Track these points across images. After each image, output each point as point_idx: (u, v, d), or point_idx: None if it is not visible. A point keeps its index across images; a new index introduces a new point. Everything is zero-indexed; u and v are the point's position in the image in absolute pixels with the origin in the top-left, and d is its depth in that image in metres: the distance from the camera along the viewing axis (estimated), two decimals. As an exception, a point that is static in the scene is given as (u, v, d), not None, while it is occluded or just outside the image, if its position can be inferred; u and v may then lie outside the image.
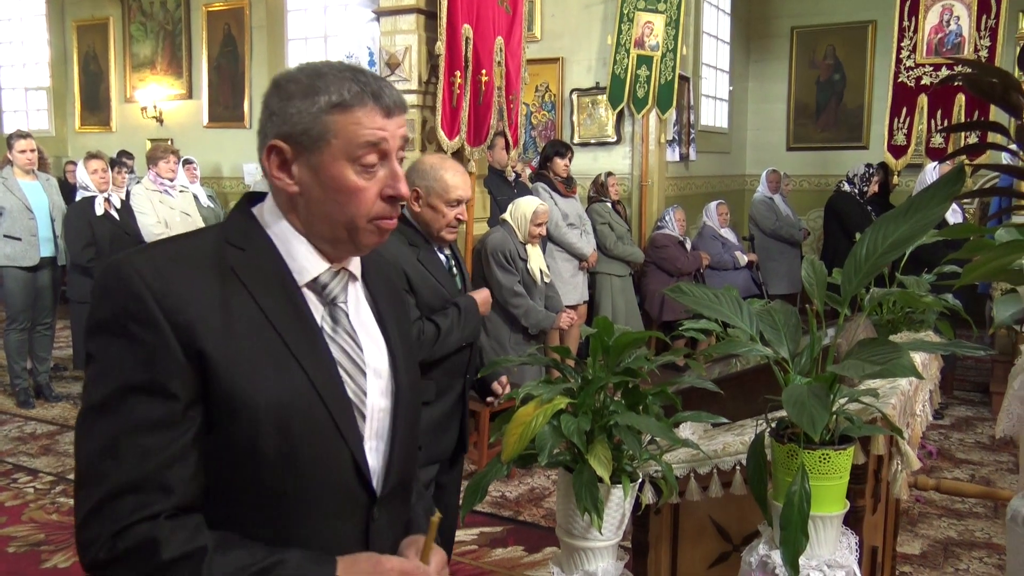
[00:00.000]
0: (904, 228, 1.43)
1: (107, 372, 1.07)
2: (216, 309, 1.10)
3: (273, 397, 1.10)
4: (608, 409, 1.55)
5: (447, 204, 2.43)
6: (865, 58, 9.63)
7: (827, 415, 1.31)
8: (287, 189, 1.16)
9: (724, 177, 9.52)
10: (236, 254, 1.14)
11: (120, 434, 1.05)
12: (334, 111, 1.12)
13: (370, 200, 1.15)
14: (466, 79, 4.09)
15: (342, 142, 1.12)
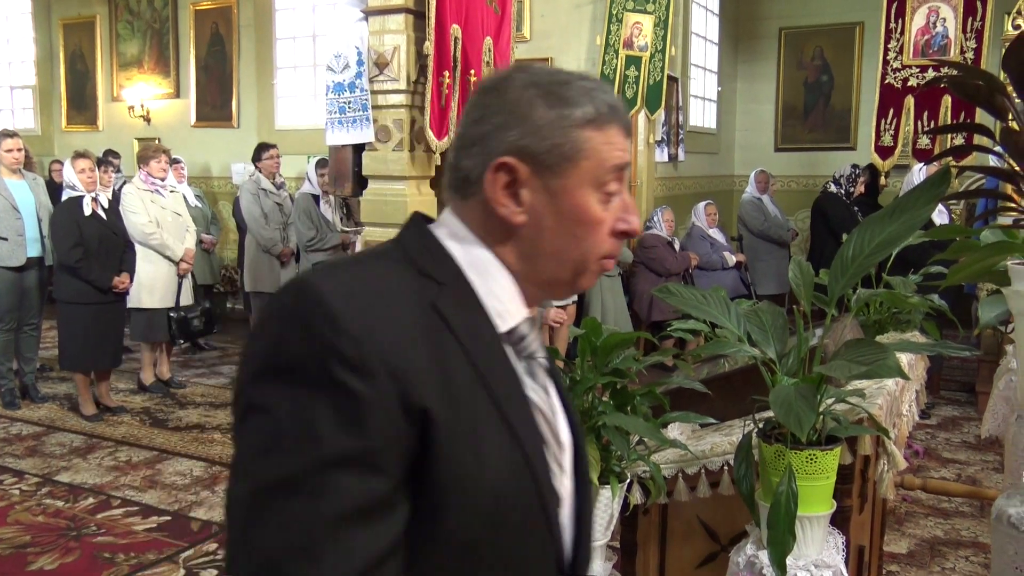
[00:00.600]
0: (890, 229, 1.43)
1: (294, 435, 0.79)
2: (430, 357, 0.85)
3: (496, 479, 0.87)
4: (596, 410, 1.55)
5: None
6: (853, 59, 9.68)
7: (814, 416, 1.31)
8: (511, 218, 0.93)
9: (712, 177, 9.55)
10: (436, 289, 0.91)
11: (319, 527, 0.77)
12: (588, 127, 0.93)
13: (606, 234, 0.96)
14: (455, 79, 4.09)
15: (593, 164, 0.93)
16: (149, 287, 5.67)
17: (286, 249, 6.45)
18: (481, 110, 0.95)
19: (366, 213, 4.29)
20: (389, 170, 4.16)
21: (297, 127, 8.71)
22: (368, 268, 0.92)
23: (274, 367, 0.81)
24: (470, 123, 0.95)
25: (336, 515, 0.78)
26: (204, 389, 6.18)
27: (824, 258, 6.66)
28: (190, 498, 4.16)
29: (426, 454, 0.82)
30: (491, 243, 0.95)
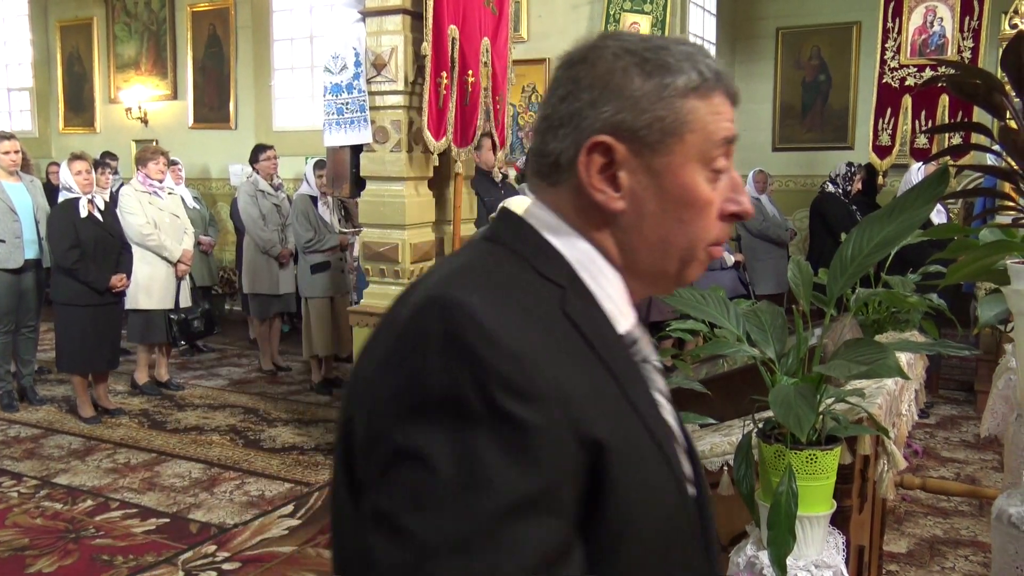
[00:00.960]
0: (889, 229, 1.43)
1: (461, 484, 0.67)
2: (585, 374, 0.76)
3: (663, 507, 0.80)
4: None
5: None
6: (850, 59, 9.68)
7: (813, 416, 1.31)
8: (609, 204, 0.83)
9: (711, 177, 9.54)
10: (560, 294, 0.80)
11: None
12: (692, 96, 0.82)
13: (714, 218, 0.86)
14: (452, 80, 4.08)
15: (699, 138, 0.83)
16: (147, 288, 5.68)
17: (284, 250, 6.44)
18: (569, 85, 0.84)
19: (364, 214, 4.29)
20: (387, 171, 4.16)
21: (294, 128, 8.71)
22: (497, 275, 0.80)
23: (423, 403, 0.69)
24: (556, 101, 0.85)
25: (520, 572, 0.67)
26: (202, 391, 6.18)
27: (823, 258, 6.65)
28: (189, 500, 4.16)
29: (599, 488, 0.72)
30: (589, 234, 0.85)
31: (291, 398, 6.00)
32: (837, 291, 1.46)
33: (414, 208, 4.21)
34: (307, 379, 6.34)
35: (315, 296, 5.99)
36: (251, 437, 5.12)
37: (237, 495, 4.22)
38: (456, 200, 4.41)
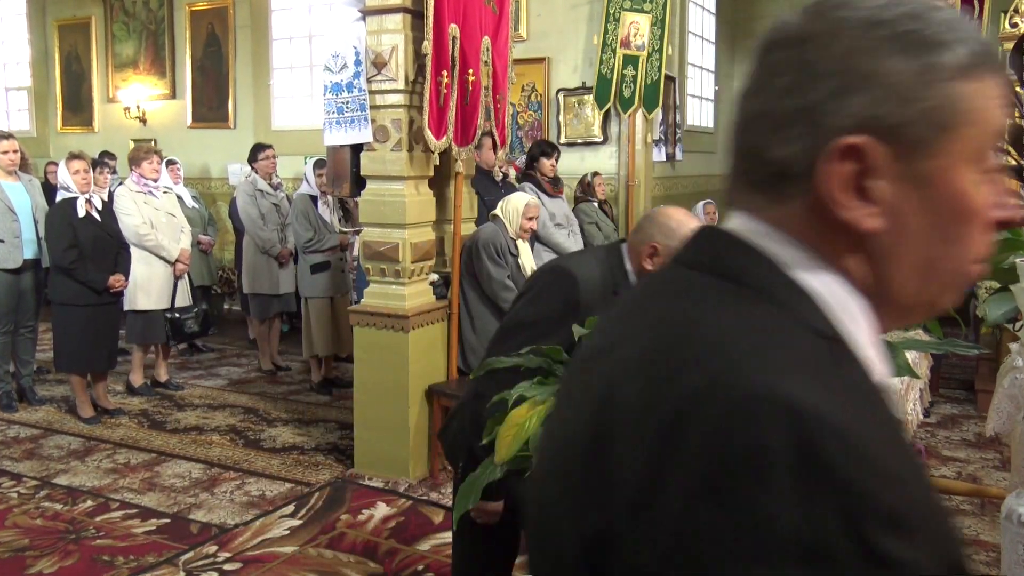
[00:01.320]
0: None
1: None
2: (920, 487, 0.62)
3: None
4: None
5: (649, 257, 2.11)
6: (849, 58, 9.69)
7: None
8: (861, 223, 0.65)
9: (710, 177, 9.54)
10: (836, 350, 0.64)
11: None
12: (965, 78, 0.65)
13: (982, 229, 0.68)
14: (453, 78, 4.07)
15: (977, 132, 0.65)
16: (145, 289, 5.66)
17: (284, 250, 6.43)
18: (794, 71, 0.66)
19: (364, 213, 4.28)
20: (387, 170, 4.15)
21: (293, 128, 8.69)
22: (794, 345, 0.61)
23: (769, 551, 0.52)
24: (778, 94, 0.67)
25: None
26: (202, 391, 6.16)
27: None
28: (189, 500, 4.15)
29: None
30: (834, 264, 0.67)
31: (291, 398, 5.99)
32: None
33: (415, 207, 4.20)
34: (307, 379, 6.33)
35: (315, 296, 5.98)
36: (251, 437, 5.11)
37: (238, 495, 4.21)
38: (457, 199, 4.40)
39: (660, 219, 2.11)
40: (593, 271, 2.08)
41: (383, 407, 4.30)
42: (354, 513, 3.96)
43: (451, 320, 4.47)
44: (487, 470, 1.54)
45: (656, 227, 2.09)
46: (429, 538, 3.71)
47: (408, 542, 3.67)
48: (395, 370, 4.24)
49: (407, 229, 4.16)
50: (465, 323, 4.52)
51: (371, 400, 4.33)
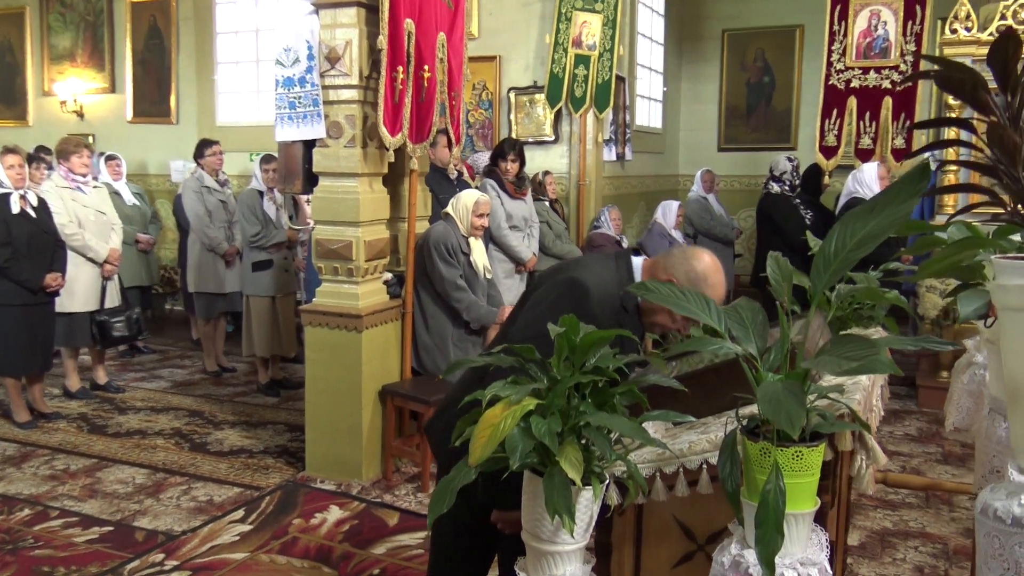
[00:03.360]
0: (872, 224, 1.43)
1: None
2: None
3: None
4: (578, 409, 1.51)
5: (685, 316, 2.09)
6: (793, 61, 9.87)
7: (803, 412, 1.30)
8: None
9: (658, 177, 9.63)
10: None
11: None
12: None
13: None
14: (408, 74, 4.01)
15: None
16: (69, 290, 5.39)
17: (231, 248, 6.28)
18: None
19: (317, 211, 4.19)
20: (341, 167, 4.07)
21: (239, 124, 8.50)
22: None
23: None
24: None
25: None
26: (144, 393, 5.98)
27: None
28: (133, 507, 4.01)
29: None
30: None
31: (237, 400, 5.85)
32: (821, 287, 1.45)
33: (368, 205, 4.12)
34: (253, 380, 6.19)
35: (256, 295, 5.84)
36: (197, 440, 4.97)
37: (184, 500, 4.08)
38: (411, 197, 4.34)
39: (692, 261, 2.08)
40: (607, 284, 2.04)
41: (335, 408, 4.22)
42: (306, 517, 3.87)
43: (405, 320, 4.40)
44: (460, 472, 1.50)
45: (686, 267, 2.07)
46: (384, 541, 3.64)
47: (363, 546, 3.60)
48: (348, 370, 4.16)
49: (361, 227, 4.09)
50: (419, 323, 4.46)
51: (323, 401, 4.24)
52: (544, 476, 1.48)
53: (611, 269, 2.10)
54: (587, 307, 1.96)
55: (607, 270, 2.10)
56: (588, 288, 2.01)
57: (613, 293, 2.04)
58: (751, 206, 10.20)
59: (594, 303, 1.98)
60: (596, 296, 1.99)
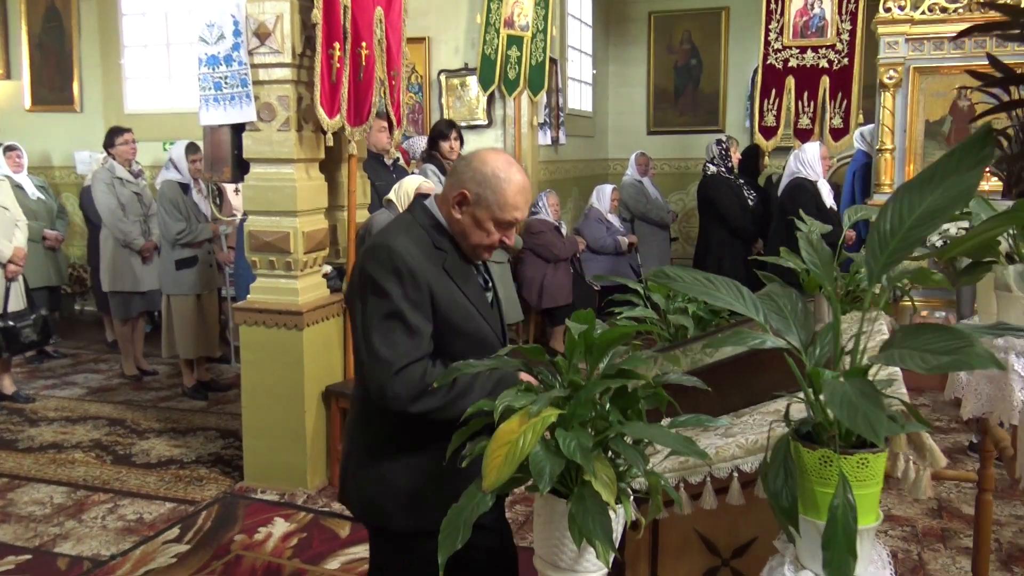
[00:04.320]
0: (933, 197, 1.26)
1: None
2: None
3: None
4: (607, 420, 1.31)
5: (497, 224, 1.92)
6: (720, 44, 9.86)
7: (884, 416, 1.12)
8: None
9: (590, 161, 9.51)
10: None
11: None
12: None
13: None
14: (345, 52, 3.72)
15: None
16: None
17: (148, 243, 5.85)
18: None
19: (249, 200, 3.87)
20: (275, 152, 3.76)
21: (149, 111, 7.98)
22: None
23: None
24: None
25: None
26: (57, 402, 5.52)
27: (712, 243, 6.68)
28: (53, 531, 3.63)
29: None
30: None
31: (162, 405, 5.45)
32: (879, 270, 1.28)
33: (306, 193, 3.83)
34: (177, 383, 5.79)
35: (180, 294, 5.45)
36: (120, 452, 4.59)
37: (111, 520, 3.73)
38: (350, 184, 4.06)
39: (475, 164, 1.93)
40: (411, 235, 1.93)
41: (276, 412, 3.92)
42: (249, 532, 3.57)
43: (347, 315, 4.12)
44: (473, 500, 1.28)
45: (470, 173, 1.92)
46: (337, 555, 3.38)
47: (315, 560, 3.33)
48: (288, 371, 3.87)
49: (298, 217, 3.79)
50: (362, 318, 4.19)
51: (262, 405, 3.94)
52: (571, 498, 1.27)
53: (408, 220, 1.98)
54: (398, 263, 1.83)
55: (404, 222, 1.98)
56: (389, 246, 1.87)
57: (423, 239, 1.92)
58: (681, 189, 10.21)
59: (404, 256, 1.84)
60: (403, 249, 1.85)
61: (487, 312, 1.99)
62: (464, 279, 1.95)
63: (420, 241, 1.92)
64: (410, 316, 1.83)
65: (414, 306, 1.83)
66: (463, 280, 1.94)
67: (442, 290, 1.88)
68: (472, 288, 1.96)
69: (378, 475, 1.96)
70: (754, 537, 1.64)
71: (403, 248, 1.86)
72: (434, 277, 1.87)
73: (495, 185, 1.88)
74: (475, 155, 1.97)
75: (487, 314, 1.98)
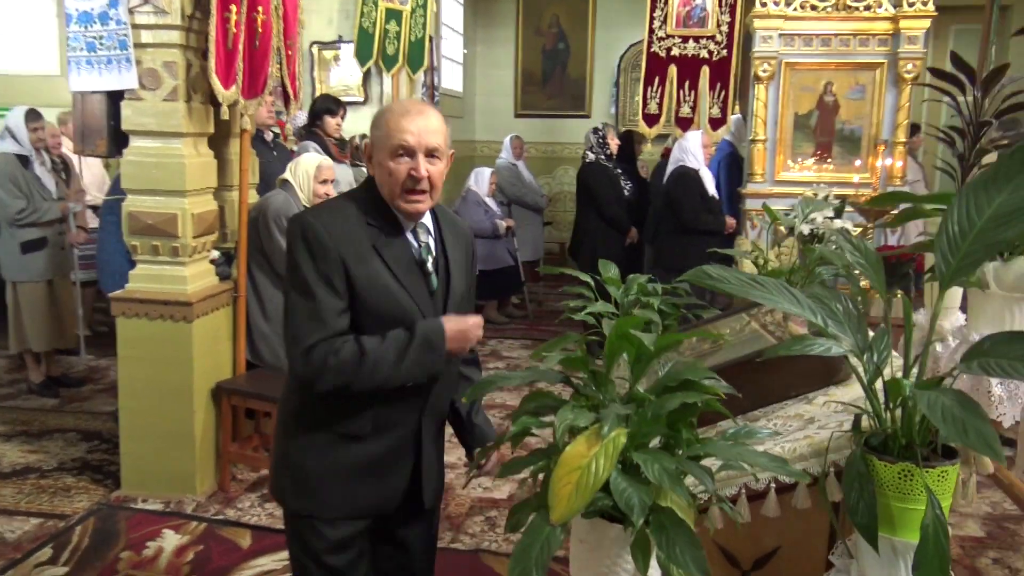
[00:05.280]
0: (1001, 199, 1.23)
1: None
2: None
3: None
4: (682, 439, 1.19)
5: (394, 156, 1.77)
6: (587, 30, 9.93)
7: (989, 427, 1.07)
8: None
9: (460, 142, 9.34)
10: None
11: None
12: None
13: None
14: (241, 17, 3.38)
15: None
16: None
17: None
18: None
19: (128, 178, 3.46)
20: (161, 125, 3.37)
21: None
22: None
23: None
24: None
25: None
26: None
27: (589, 230, 6.70)
28: None
29: None
30: None
31: (7, 405, 4.85)
32: (951, 274, 1.23)
33: (196, 170, 3.46)
34: (21, 379, 5.19)
35: (29, 280, 4.88)
36: (-38, 461, 4.04)
37: (-36, 542, 3.26)
38: (243, 162, 3.72)
39: (375, 120, 1.86)
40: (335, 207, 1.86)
41: (159, 413, 3.55)
42: (137, 548, 3.21)
43: (238, 305, 3.80)
44: (542, 535, 1.13)
45: (374, 132, 1.84)
46: (241, 568, 3.10)
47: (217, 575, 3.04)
48: (175, 367, 3.51)
49: (187, 197, 3.42)
50: (254, 308, 3.88)
51: (143, 406, 3.55)
52: (652, 527, 1.14)
53: (351, 194, 1.91)
54: (308, 234, 1.74)
55: (345, 196, 1.92)
56: (303, 219, 1.78)
57: (352, 215, 1.81)
58: (548, 173, 10.25)
59: (316, 228, 1.75)
60: (317, 222, 1.76)
61: (420, 296, 1.84)
62: (397, 259, 1.81)
63: (349, 216, 1.81)
64: (318, 291, 1.74)
65: (323, 281, 1.74)
66: (395, 260, 1.81)
67: (362, 268, 1.76)
68: (406, 270, 1.82)
69: (283, 451, 1.93)
70: (776, 547, 1.58)
71: (319, 221, 1.77)
72: (354, 254, 1.76)
73: (381, 121, 1.81)
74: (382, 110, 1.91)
75: (420, 298, 1.84)
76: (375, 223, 1.80)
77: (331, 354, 1.73)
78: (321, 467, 1.86)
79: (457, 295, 1.93)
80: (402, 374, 1.77)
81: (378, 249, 1.79)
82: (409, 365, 1.76)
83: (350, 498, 1.87)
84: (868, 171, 5.60)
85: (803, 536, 1.54)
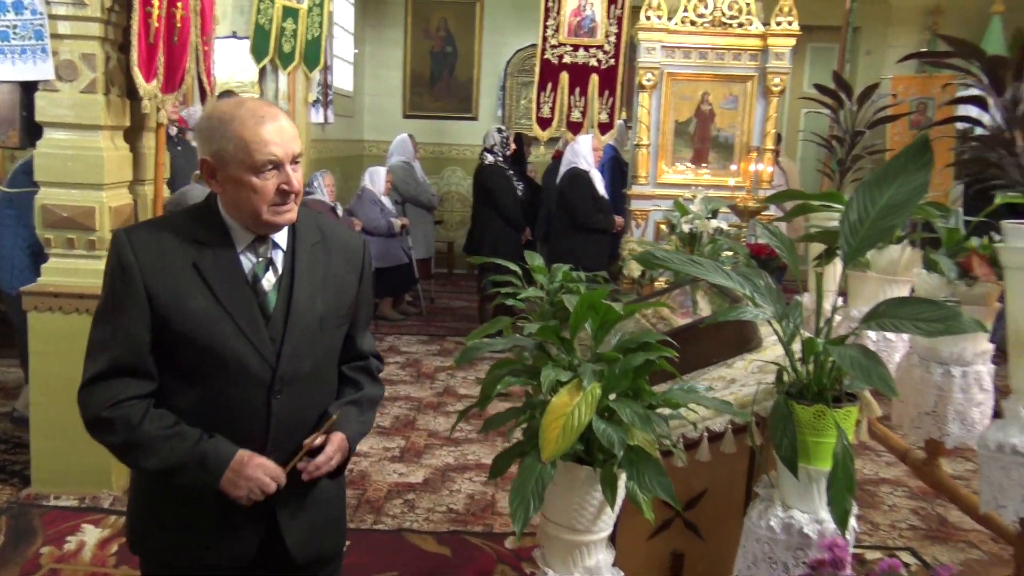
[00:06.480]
0: (891, 193, 1.52)
1: None
2: None
3: None
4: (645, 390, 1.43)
5: (258, 172, 1.56)
6: (474, 34, 10.17)
7: (887, 371, 1.35)
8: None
9: (350, 142, 9.39)
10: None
11: None
12: None
13: None
14: (162, 11, 3.41)
15: None
16: None
17: None
18: None
19: (41, 170, 3.42)
20: (78, 117, 3.36)
21: None
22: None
23: None
24: None
25: None
26: None
27: (488, 229, 6.92)
28: None
29: None
30: None
31: None
32: (851, 254, 1.52)
33: (113, 164, 3.46)
34: None
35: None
36: None
37: None
38: (158, 156, 3.72)
39: (202, 126, 1.64)
40: (158, 223, 1.69)
41: (74, 409, 3.50)
42: (57, 543, 3.19)
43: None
44: (535, 472, 1.34)
45: (201, 138, 1.63)
46: (168, 556, 3.13)
47: (144, 565, 3.06)
48: (90, 362, 3.48)
49: (105, 190, 3.42)
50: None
51: (56, 402, 3.50)
52: (624, 461, 1.37)
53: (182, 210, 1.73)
54: (116, 252, 1.57)
55: (172, 214, 1.79)
56: (118, 236, 1.60)
57: (178, 230, 1.61)
58: (436, 174, 10.42)
59: (125, 246, 1.57)
60: (131, 239, 1.58)
61: (246, 319, 1.61)
62: (222, 280, 1.60)
63: (175, 230, 1.61)
64: (112, 318, 1.57)
65: (119, 307, 1.56)
66: (218, 279, 1.60)
67: (170, 293, 1.55)
68: (231, 289, 1.60)
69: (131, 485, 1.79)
70: (704, 489, 1.84)
71: (134, 238, 1.59)
72: (165, 276, 1.56)
73: (228, 131, 1.55)
74: (201, 117, 1.68)
75: (245, 322, 1.61)
76: (203, 238, 1.61)
77: (112, 398, 1.56)
78: (147, 511, 1.71)
79: (305, 316, 1.66)
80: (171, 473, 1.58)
81: (199, 268, 1.58)
82: (177, 468, 1.57)
83: (183, 552, 1.68)
84: (741, 175, 6.07)
85: (727, 478, 1.81)
